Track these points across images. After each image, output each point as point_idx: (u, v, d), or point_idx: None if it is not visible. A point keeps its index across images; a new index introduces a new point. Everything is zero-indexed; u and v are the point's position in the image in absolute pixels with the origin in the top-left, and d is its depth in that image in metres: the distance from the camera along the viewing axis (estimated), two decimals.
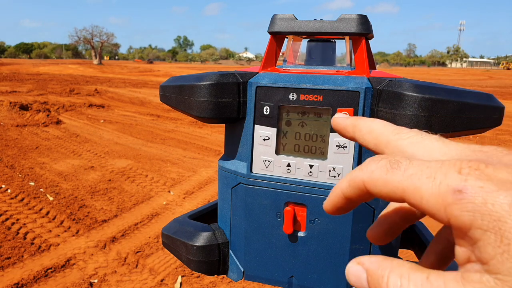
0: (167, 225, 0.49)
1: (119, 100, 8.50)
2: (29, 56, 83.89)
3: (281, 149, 0.40)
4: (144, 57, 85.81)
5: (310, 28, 0.40)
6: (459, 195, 0.17)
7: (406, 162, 0.19)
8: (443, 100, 0.33)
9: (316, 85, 0.38)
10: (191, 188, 3.22)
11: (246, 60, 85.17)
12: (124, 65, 35.94)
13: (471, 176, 0.17)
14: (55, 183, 3.22)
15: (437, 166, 0.18)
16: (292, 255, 0.41)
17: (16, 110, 6.38)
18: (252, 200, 0.41)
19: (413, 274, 0.18)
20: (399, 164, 0.19)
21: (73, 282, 1.91)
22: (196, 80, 0.41)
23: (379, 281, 0.19)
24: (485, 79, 22.34)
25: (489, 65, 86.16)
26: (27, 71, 18.55)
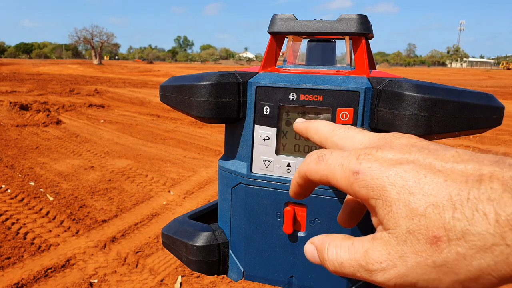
0: (167, 225, 0.49)
1: (119, 100, 8.50)
2: (29, 56, 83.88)
3: (281, 149, 0.40)
4: (144, 57, 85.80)
5: (310, 28, 0.40)
6: (356, 175, 0.22)
7: (329, 154, 0.25)
8: (443, 100, 0.33)
9: (316, 85, 0.38)
10: (191, 188, 3.21)
11: (246, 60, 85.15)
12: (124, 65, 35.93)
13: (364, 160, 0.23)
14: (55, 183, 3.22)
15: (345, 155, 0.24)
16: (292, 255, 0.41)
17: (16, 110, 6.38)
18: (252, 200, 0.41)
19: (343, 242, 0.24)
20: (324, 156, 0.25)
21: (73, 282, 1.91)
22: (196, 80, 0.41)
23: (323, 253, 0.24)
24: (485, 79, 22.34)
25: (489, 65, 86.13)
26: (27, 71, 18.55)
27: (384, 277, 0.21)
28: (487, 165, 0.20)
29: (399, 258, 0.20)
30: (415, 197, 0.20)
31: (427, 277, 0.20)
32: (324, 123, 0.30)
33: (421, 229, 0.19)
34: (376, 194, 0.21)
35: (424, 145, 0.24)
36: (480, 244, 0.18)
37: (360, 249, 0.22)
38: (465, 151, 0.22)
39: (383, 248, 0.21)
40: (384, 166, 0.22)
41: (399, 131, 0.34)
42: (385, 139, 0.25)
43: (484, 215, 0.18)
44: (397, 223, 0.20)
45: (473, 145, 4.96)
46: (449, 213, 0.19)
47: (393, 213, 0.21)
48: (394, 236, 0.21)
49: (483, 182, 0.19)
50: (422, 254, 0.19)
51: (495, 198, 0.18)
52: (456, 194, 0.19)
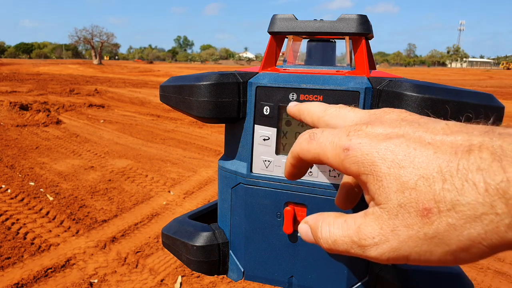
0: (167, 225, 0.49)
1: (119, 100, 8.50)
2: (29, 56, 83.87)
3: (281, 149, 0.40)
4: (144, 57, 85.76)
5: (310, 28, 0.40)
6: (347, 152, 0.22)
7: (320, 133, 0.25)
8: (443, 100, 0.33)
9: (316, 85, 0.38)
10: (191, 188, 3.21)
11: (246, 60, 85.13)
12: (124, 65, 35.93)
13: (354, 136, 0.23)
14: (55, 183, 3.22)
15: (336, 133, 0.24)
16: (292, 255, 0.41)
17: (16, 110, 6.38)
18: (252, 200, 0.41)
19: (336, 220, 0.24)
20: (315, 135, 0.25)
21: (73, 282, 1.91)
22: (196, 80, 0.41)
23: (316, 231, 0.25)
24: (485, 79, 22.33)
25: (489, 65, 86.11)
26: (27, 71, 18.55)
27: (377, 252, 0.21)
28: (477, 136, 0.19)
29: (391, 232, 0.20)
30: (405, 170, 0.20)
31: (419, 249, 0.20)
32: (316, 104, 0.30)
33: (412, 202, 0.19)
34: (366, 170, 0.21)
35: (414, 118, 0.24)
36: (470, 213, 0.18)
37: (353, 226, 0.22)
38: (455, 122, 0.22)
39: (375, 223, 0.21)
40: (374, 141, 0.22)
41: None
42: (376, 115, 0.25)
43: (473, 185, 0.18)
44: (388, 197, 0.20)
45: None
46: (439, 184, 0.19)
47: (384, 187, 0.21)
48: (386, 211, 0.21)
49: (472, 153, 0.19)
50: (414, 227, 0.19)
51: (484, 167, 0.18)
52: (445, 165, 0.19)
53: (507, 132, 0.19)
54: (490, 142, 0.19)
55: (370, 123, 0.24)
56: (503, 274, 2.03)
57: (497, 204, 0.17)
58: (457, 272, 0.38)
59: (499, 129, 0.20)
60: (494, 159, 0.18)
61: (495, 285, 1.94)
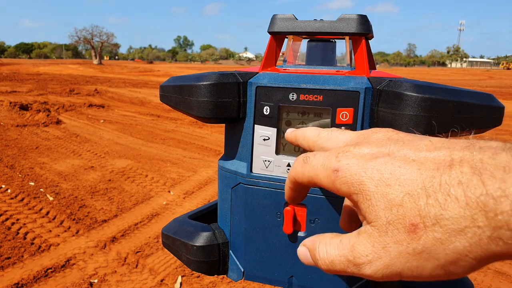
0: (167, 225, 0.49)
1: (119, 100, 8.50)
2: (29, 56, 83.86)
3: (281, 149, 0.40)
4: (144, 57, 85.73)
5: (310, 28, 0.40)
6: (336, 173, 0.23)
7: (312, 156, 0.26)
8: (443, 100, 0.33)
9: (316, 85, 0.38)
10: (191, 188, 3.21)
11: (246, 60, 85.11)
12: (124, 65, 35.93)
13: (342, 158, 0.23)
14: (55, 183, 3.22)
15: (326, 155, 0.25)
16: (292, 255, 0.41)
17: (16, 110, 6.38)
18: (252, 200, 0.41)
19: (332, 240, 0.24)
20: (308, 158, 0.26)
21: (73, 282, 1.91)
22: (196, 80, 0.41)
23: (314, 253, 0.25)
24: (485, 79, 22.33)
25: (489, 65, 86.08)
26: (27, 71, 18.54)
27: (371, 270, 0.21)
28: (458, 150, 0.20)
29: (383, 249, 0.21)
30: (391, 188, 0.21)
31: (410, 265, 0.20)
32: (310, 129, 0.31)
33: (399, 218, 0.20)
34: (356, 189, 0.22)
35: (400, 137, 0.24)
36: (454, 227, 0.18)
37: (348, 245, 0.23)
38: (439, 139, 0.22)
39: (367, 241, 0.22)
40: (361, 161, 0.22)
41: None
42: (363, 136, 0.26)
43: (455, 199, 0.18)
44: (377, 215, 0.21)
45: None
46: (423, 200, 0.19)
47: (373, 206, 0.21)
48: (376, 228, 0.21)
49: (453, 167, 0.19)
50: (403, 243, 0.20)
51: (464, 181, 0.18)
52: (429, 181, 0.19)
53: (487, 146, 0.19)
54: (470, 156, 0.19)
55: (358, 144, 0.24)
56: (503, 274, 2.03)
57: (478, 217, 0.18)
58: None
59: (480, 142, 0.20)
60: (474, 173, 0.18)
61: (495, 285, 1.94)
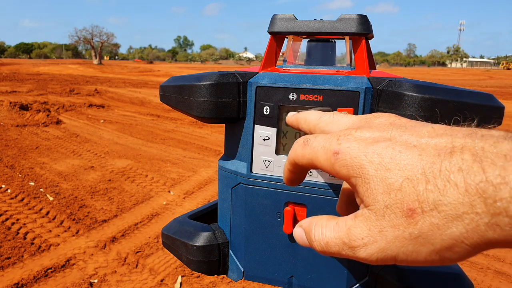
0: (167, 225, 0.49)
1: (119, 100, 8.50)
2: (29, 56, 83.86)
3: (281, 149, 0.40)
4: (144, 57, 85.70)
5: (310, 28, 0.40)
6: (336, 155, 0.23)
7: (313, 138, 0.26)
8: (443, 100, 0.33)
9: (316, 85, 0.38)
10: (191, 188, 3.21)
11: (246, 60, 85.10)
12: (124, 65, 35.93)
13: (343, 140, 0.23)
14: (55, 183, 3.22)
15: (327, 138, 0.25)
16: (292, 255, 0.41)
17: (16, 110, 6.38)
18: (252, 200, 0.41)
19: (328, 222, 0.24)
20: (308, 140, 0.26)
21: (73, 282, 1.91)
22: (196, 80, 0.41)
23: (310, 234, 0.25)
24: (485, 79, 22.33)
25: (489, 65, 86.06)
26: (27, 71, 18.54)
27: (366, 253, 0.22)
28: (460, 138, 0.20)
29: (379, 232, 0.21)
30: (391, 172, 0.21)
31: (406, 249, 0.20)
32: (312, 112, 0.31)
33: (397, 203, 0.20)
34: (355, 172, 0.22)
35: (402, 122, 0.24)
36: (452, 213, 0.18)
37: (344, 227, 0.23)
38: (441, 126, 0.22)
39: (364, 224, 0.22)
40: (362, 145, 0.22)
41: None
42: (366, 120, 0.26)
43: (455, 185, 0.18)
44: (375, 199, 0.21)
45: None
46: (423, 185, 0.19)
47: (371, 189, 0.21)
48: (373, 212, 0.21)
49: (454, 154, 0.19)
50: (399, 227, 0.20)
51: (465, 168, 0.18)
52: (429, 167, 0.20)
53: (489, 134, 0.20)
54: (472, 143, 0.19)
55: (360, 127, 0.24)
56: (503, 274, 2.03)
57: (476, 204, 0.18)
58: (457, 272, 0.38)
59: (482, 131, 0.20)
60: (475, 160, 0.18)
61: (495, 285, 1.94)
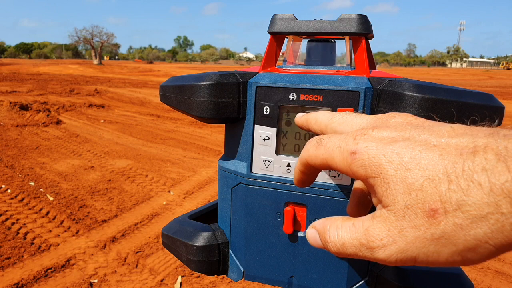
0: (167, 225, 0.49)
1: (119, 100, 8.50)
2: (29, 56, 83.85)
3: (281, 149, 0.40)
4: (144, 57, 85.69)
5: (310, 28, 0.40)
6: (354, 155, 0.23)
7: (327, 138, 0.25)
8: (443, 100, 0.33)
9: (316, 85, 0.38)
10: (191, 188, 3.21)
11: (246, 60, 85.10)
12: (124, 65, 35.93)
13: (360, 140, 0.23)
14: (55, 183, 3.22)
15: (343, 138, 0.24)
16: (292, 255, 0.41)
17: (16, 110, 6.37)
18: (252, 200, 0.41)
19: (344, 223, 0.24)
20: (322, 141, 0.25)
21: (73, 282, 1.91)
22: (196, 80, 0.41)
23: (325, 235, 0.25)
24: (485, 79, 22.33)
25: (489, 65, 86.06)
26: (27, 71, 18.54)
27: (385, 254, 0.21)
28: (482, 137, 0.20)
29: (399, 233, 0.21)
30: (411, 172, 0.20)
31: (427, 250, 0.20)
32: (323, 112, 0.30)
33: (419, 203, 0.20)
34: (374, 173, 0.22)
35: (419, 122, 0.24)
36: (476, 213, 0.18)
37: (361, 228, 0.22)
38: (460, 125, 0.22)
39: (382, 225, 0.21)
40: (380, 144, 0.22)
41: None
42: (381, 119, 0.26)
43: (479, 185, 0.18)
44: (395, 199, 0.21)
45: None
46: (445, 185, 0.19)
47: (391, 189, 0.21)
48: (393, 212, 0.21)
49: (477, 154, 0.19)
50: (421, 227, 0.20)
51: (489, 168, 0.18)
52: (451, 167, 0.19)
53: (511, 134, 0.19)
54: (495, 143, 0.19)
55: (376, 127, 0.24)
56: (503, 274, 2.03)
57: (502, 204, 0.17)
58: (457, 272, 0.38)
59: (504, 130, 0.20)
60: (499, 160, 0.18)
61: (495, 285, 1.94)
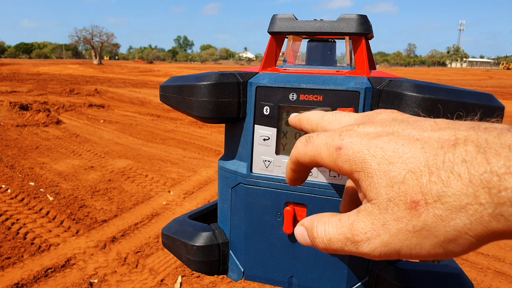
0: (167, 225, 0.49)
1: (119, 100, 8.50)
2: (29, 56, 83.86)
3: (281, 149, 0.40)
4: (144, 57, 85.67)
5: (310, 28, 0.40)
6: (339, 151, 0.23)
7: (315, 136, 0.26)
8: (443, 100, 0.33)
9: (316, 85, 0.38)
10: (191, 188, 3.21)
11: (246, 60, 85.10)
12: (124, 65, 35.93)
13: (346, 136, 0.23)
14: (55, 183, 3.22)
15: (329, 134, 0.25)
16: (292, 255, 0.41)
17: (16, 110, 6.37)
18: (252, 200, 0.41)
19: (331, 219, 0.24)
20: (311, 138, 0.26)
21: (73, 282, 1.91)
22: (196, 80, 0.41)
23: (312, 231, 0.25)
24: (485, 79, 22.33)
25: (489, 65, 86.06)
26: (27, 71, 18.54)
27: (370, 247, 0.21)
28: (463, 130, 0.20)
29: (382, 226, 0.21)
30: (394, 166, 0.21)
31: (409, 242, 0.20)
32: (314, 112, 0.31)
33: (401, 195, 0.20)
34: (358, 167, 0.22)
35: (404, 118, 0.25)
36: (455, 204, 0.18)
37: (347, 223, 0.23)
38: (443, 120, 0.22)
39: (367, 219, 0.22)
40: (364, 139, 0.22)
41: None
42: (368, 116, 0.26)
43: (458, 176, 0.18)
44: (378, 192, 0.21)
45: None
46: (426, 177, 0.19)
47: (374, 183, 0.21)
48: (377, 206, 0.21)
49: (457, 146, 0.19)
50: (403, 220, 0.20)
51: (469, 159, 0.18)
52: (432, 159, 0.20)
53: (493, 126, 0.20)
54: (475, 135, 0.19)
55: (362, 123, 0.25)
56: (503, 274, 2.03)
57: (480, 194, 0.18)
58: (457, 272, 0.38)
59: (485, 124, 0.20)
60: (478, 151, 0.18)
61: (495, 285, 1.94)
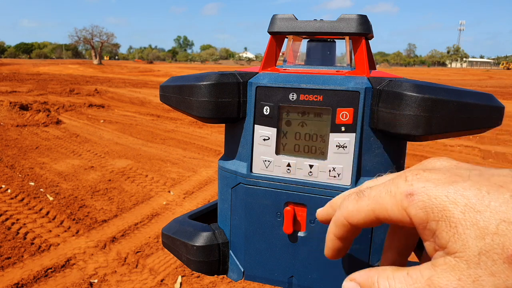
0: (167, 225, 0.49)
1: (119, 100, 8.50)
2: (29, 56, 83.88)
3: (281, 149, 0.40)
4: (144, 57, 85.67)
5: (310, 28, 0.40)
6: (410, 197, 0.21)
7: (368, 189, 0.23)
8: (443, 100, 0.33)
9: (316, 85, 0.38)
10: (191, 188, 3.21)
11: (246, 60, 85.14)
12: (124, 65, 35.94)
13: (414, 181, 0.21)
14: (55, 183, 3.22)
15: (389, 182, 0.22)
16: (292, 255, 0.41)
17: (16, 110, 6.38)
18: (252, 200, 0.41)
19: (396, 273, 0.21)
20: (363, 192, 0.23)
21: (73, 282, 1.91)
22: (196, 80, 0.41)
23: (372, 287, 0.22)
24: (485, 79, 22.34)
25: (489, 65, 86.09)
26: (27, 71, 18.55)
27: None
28: None
29: (473, 282, 0.19)
30: (482, 215, 0.19)
31: None
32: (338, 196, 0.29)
33: (496, 248, 0.18)
34: (437, 216, 0.20)
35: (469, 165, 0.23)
36: None
37: (421, 278, 0.20)
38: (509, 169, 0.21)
39: (451, 274, 0.19)
40: (439, 185, 0.20)
41: (399, 131, 0.34)
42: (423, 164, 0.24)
43: None
44: (465, 244, 0.19)
45: (473, 145, 4.95)
46: None
47: (459, 234, 0.19)
48: (464, 260, 0.19)
49: None
50: (501, 275, 0.18)
51: None
52: None
53: None
54: None
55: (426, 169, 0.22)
56: None
57: None
58: None
59: None
60: None
61: None
